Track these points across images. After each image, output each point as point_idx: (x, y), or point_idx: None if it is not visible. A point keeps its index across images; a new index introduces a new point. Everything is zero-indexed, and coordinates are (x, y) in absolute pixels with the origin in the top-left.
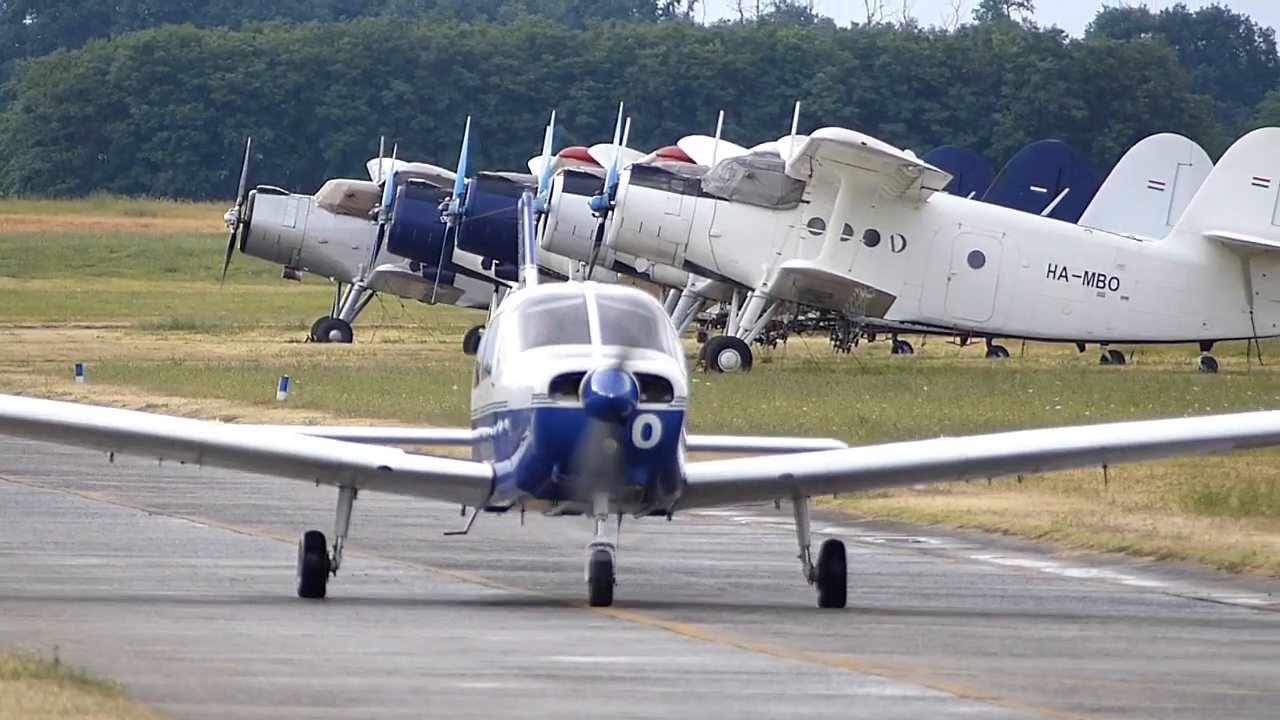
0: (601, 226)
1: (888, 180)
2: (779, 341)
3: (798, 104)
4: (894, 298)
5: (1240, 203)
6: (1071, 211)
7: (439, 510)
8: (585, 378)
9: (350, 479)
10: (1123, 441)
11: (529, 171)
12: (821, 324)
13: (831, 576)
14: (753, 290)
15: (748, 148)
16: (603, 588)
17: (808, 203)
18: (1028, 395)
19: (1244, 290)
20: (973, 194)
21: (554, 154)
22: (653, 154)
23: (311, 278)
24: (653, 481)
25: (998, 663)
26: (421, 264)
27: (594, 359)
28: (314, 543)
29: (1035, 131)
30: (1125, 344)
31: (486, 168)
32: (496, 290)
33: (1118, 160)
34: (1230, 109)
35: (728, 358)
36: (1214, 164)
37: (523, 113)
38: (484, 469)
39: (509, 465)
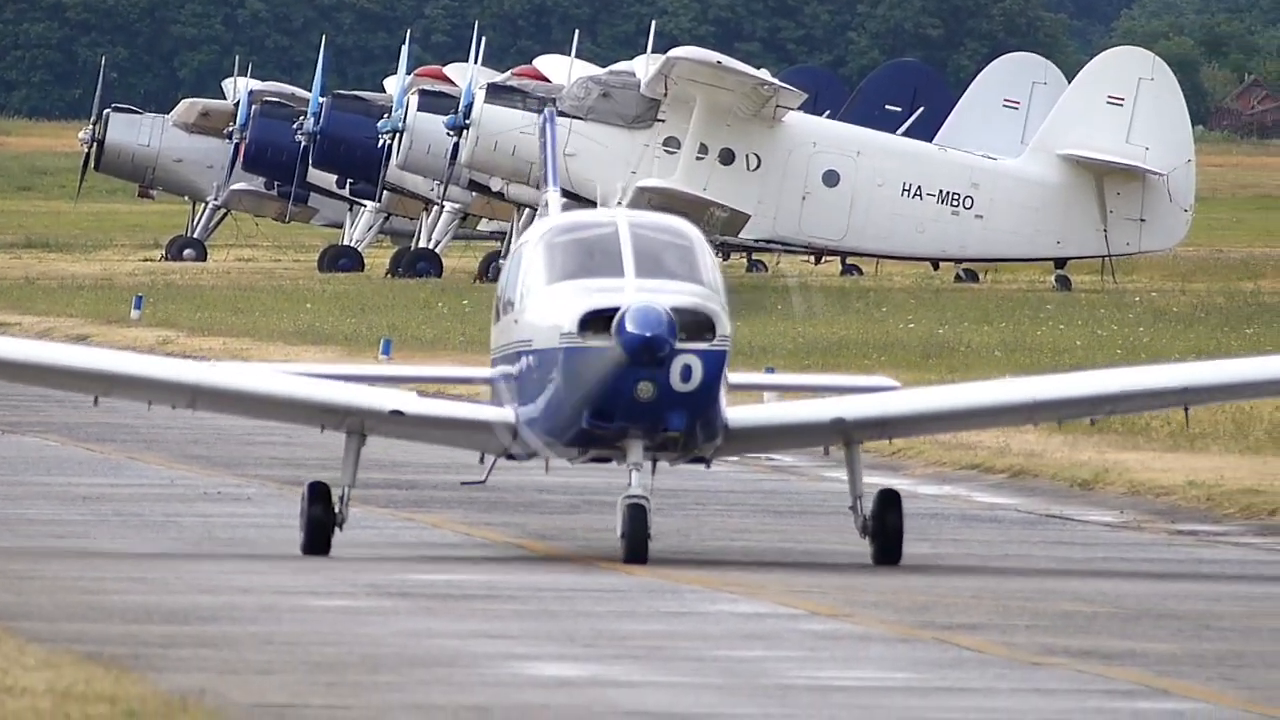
0: (456, 145)
1: (743, 99)
2: None
3: (653, 23)
4: (749, 216)
5: (1095, 121)
6: (926, 130)
7: (292, 430)
8: (619, 314)
9: (359, 424)
10: (1207, 381)
11: (384, 90)
12: None
13: (887, 530)
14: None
15: (603, 67)
16: (638, 544)
17: (663, 121)
18: (882, 314)
19: (1098, 209)
20: (828, 113)
21: (409, 73)
22: (508, 73)
23: (166, 196)
24: (692, 427)
25: (849, 579)
26: (276, 183)
27: (627, 293)
28: (318, 494)
29: (890, 50)
30: (979, 262)
31: (341, 87)
32: (351, 209)
33: (973, 79)
34: (1085, 27)
35: None
36: (1069, 83)
37: (378, 31)
38: (506, 413)
39: (533, 410)
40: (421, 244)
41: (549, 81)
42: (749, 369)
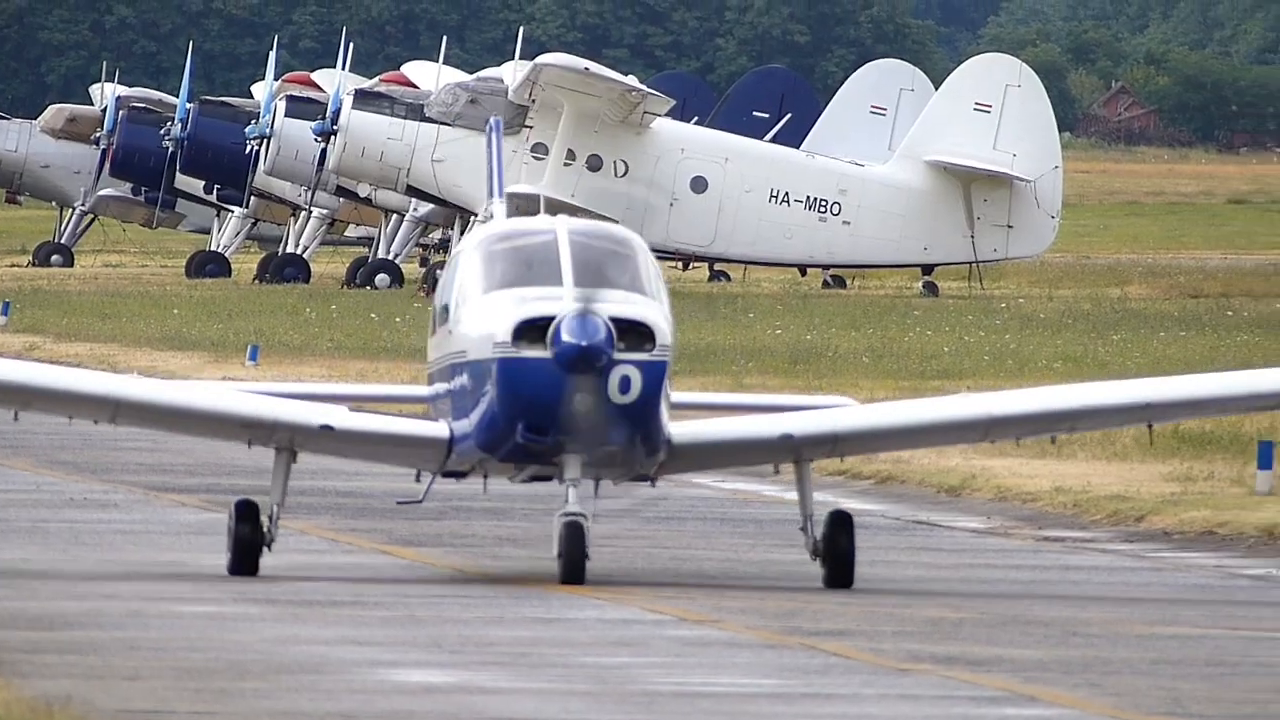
0: (324, 151)
1: (611, 105)
2: None
3: (521, 29)
4: (617, 223)
5: (962, 128)
6: (794, 136)
7: (159, 436)
8: (554, 324)
9: (288, 440)
10: (1169, 398)
11: (252, 96)
12: None
13: (838, 553)
14: (475, 215)
15: (471, 73)
16: (575, 564)
17: (531, 128)
18: (749, 319)
19: (965, 215)
20: (696, 119)
21: (276, 79)
22: (376, 79)
23: (33, 202)
24: (632, 442)
25: (717, 586)
26: (143, 189)
27: (565, 302)
28: (245, 513)
29: (758, 57)
30: (847, 268)
31: (209, 93)
32: (218, 215)
33: (840, 86)
34: (953, 34)
35: None
36: (936, 90)
37: (245, 38)
38: (440, 428)
39: (468, 424)
40: (289, 250)
41: (417, 88)
42: None
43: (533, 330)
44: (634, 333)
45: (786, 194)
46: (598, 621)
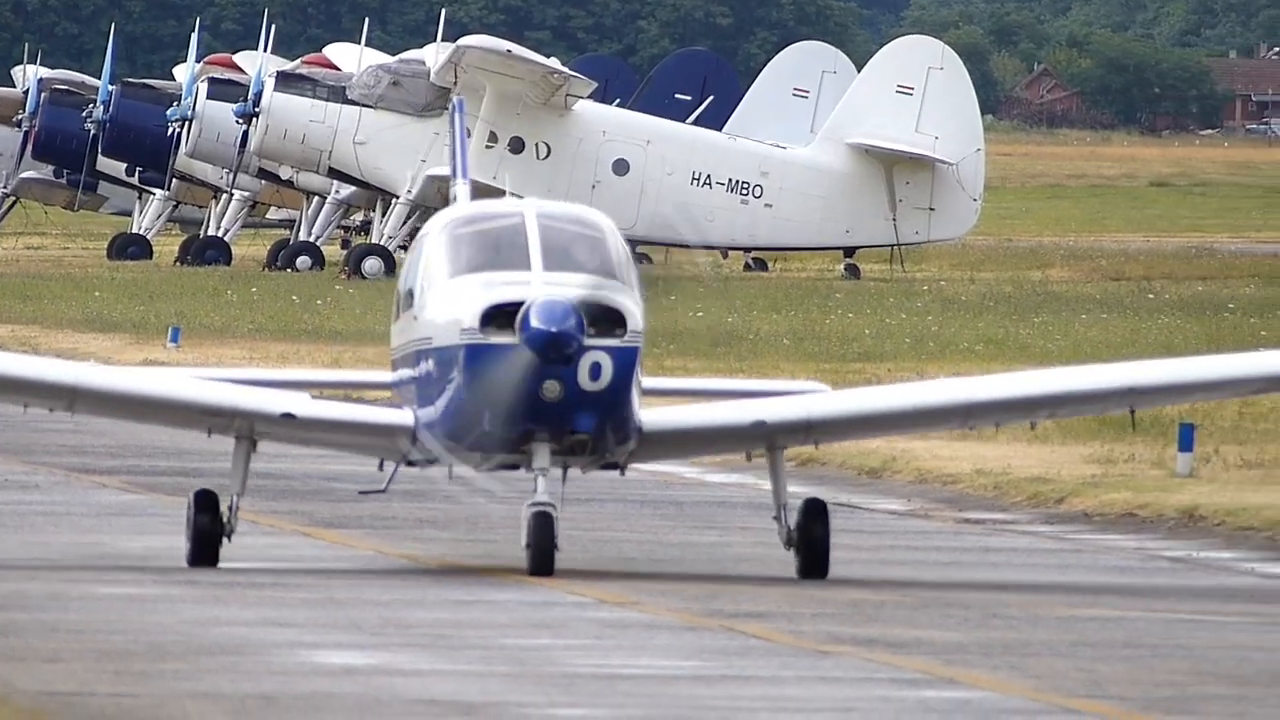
0: (246, 134)
1: (533, 88)
2: None
3: (443, 11)
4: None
5: (884, 110)
6: (716, 119)
7: (83, 420)
8: (523, 309)
9: (248, 428)
10: (1154, 382)
11: (174, 78)
12: None
13: (812, 542)
14: (397, 197)
15: (393, 55)
16: (544, 554)
17: None
18: (670, 302)
19: (887, 198)
20: (618, 101)
21: (198, 61)
22: (298, 61)
23: None
24: (602, 430)
25: (637, 568)
26: (65, 171)
27: (533, 287)
28: (205, 503)
29: (681, 39)
30: (769, 251)
31: (131, 75)
32: (140, 197)
33: (763, 68)
34: (875, 17)
35: (371, 265)
36: (858, 72)
37: (168, 19)
38: (404, 416)
39: (433, 412)
40: (211, 232)
41: (339, 70)
42: None
43: (501, 316)
44: (605, 318)
45: (708, 176)
46: (518, 603)
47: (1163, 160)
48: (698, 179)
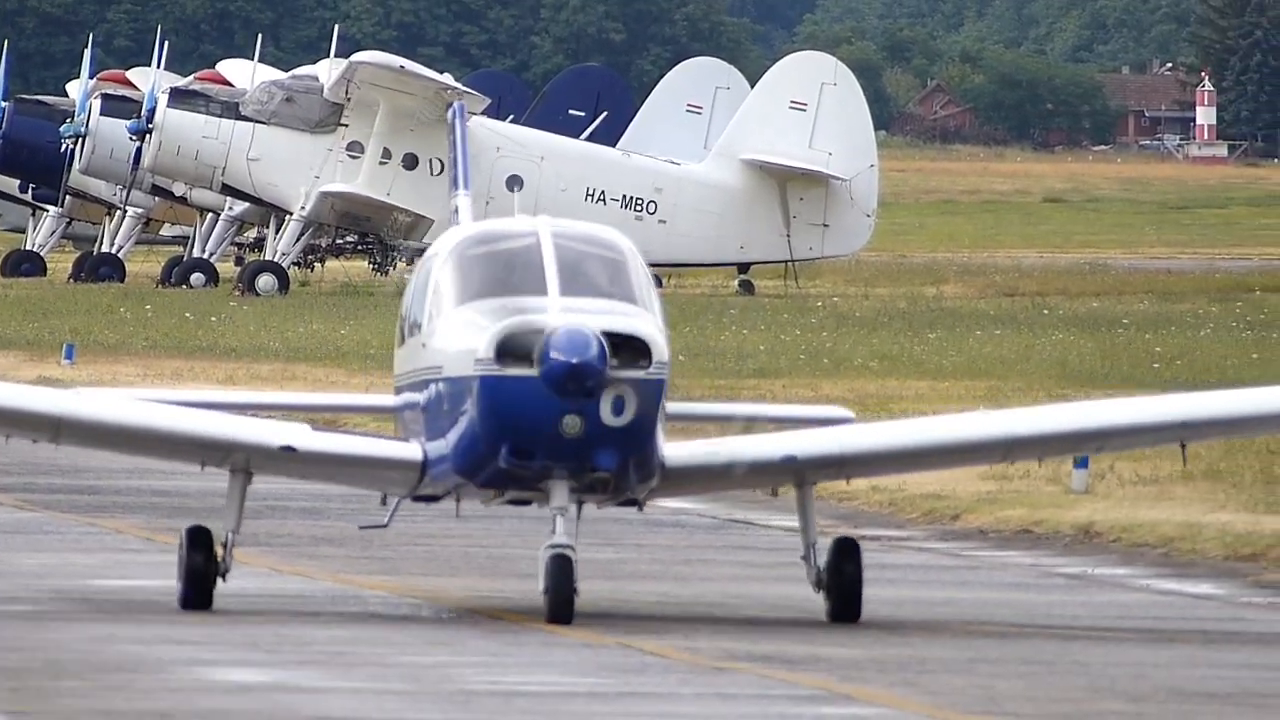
0: (139, 150)
1: (426, 104)
2: (317, 265)
3: (336, 27)
4: (433, 221)
5: (778, 126)
6: (610, 135)
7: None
8: (542, 339)
9: (244, 461)
10: (1205, 416)
11: (66, 95)
12: (360, 247)
13: (844, 584)
14: (291, 214)
15: (286, 71)
16: (562, 601)
17: (346, 126)
18: None
19: (781, 213)
20: (511, 117)
21: (91, 77)
22: (191, 77)
23: None
24: (624, 467)
25: (533, 584)
26: None
27: (551, 314)
28: (198, 540)
29: (574, 55)
30: (663, 267)
31: (24, 91)
32: (33, 214)
33: (656, 84)
34: (769, 32)
35: (265, 281)
36: (752, 88)
37: (60, 36)
38: (413, 450)
39: (444, 445)
40: (104, 249)
41: (232, 86)
42: None
43: (517, 346)
44: (628, 348)
45: (602, 192)
46: (413, 620)
47: (1056, 176)
48: (592, 195)
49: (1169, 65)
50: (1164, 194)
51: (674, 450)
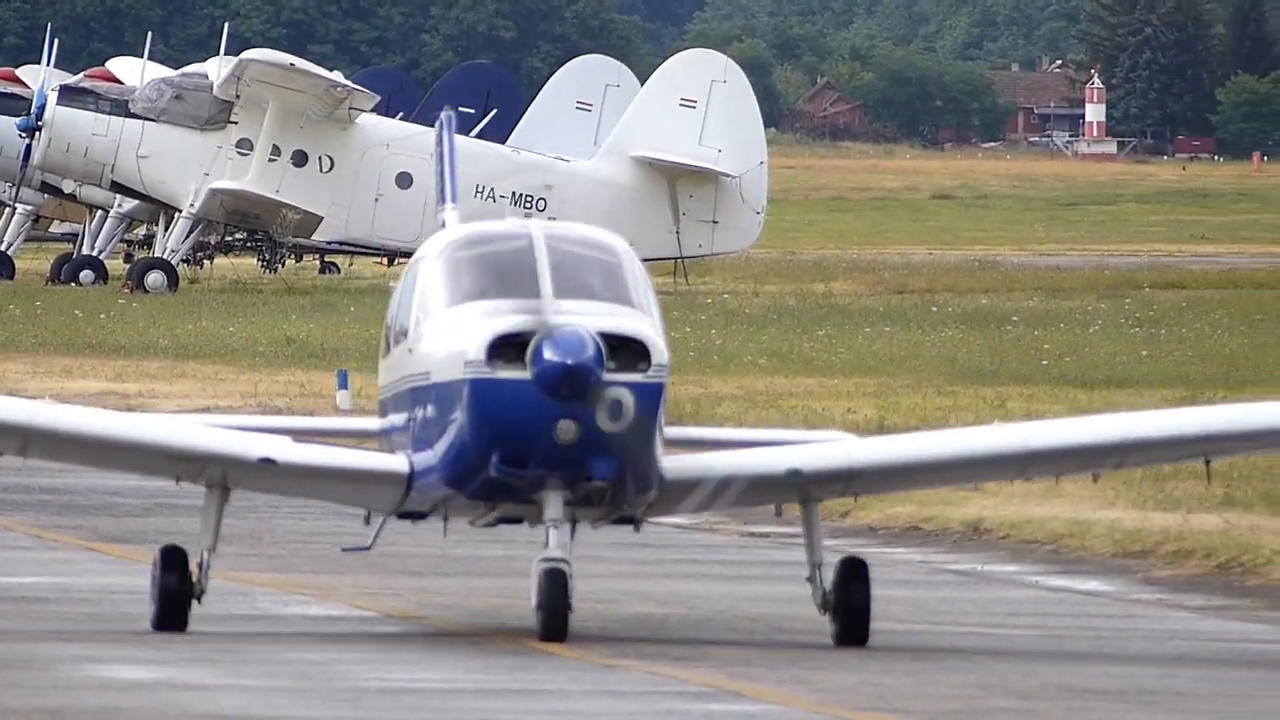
0: (29, 147)
1: (316, 101)
2: (206, 262)
3: (226, 25)
4: (321, 218)
5: (668, 123)
6: (500, 132)
7: None
8: (535, 340)
9: (220, 475)
10: (1232, 429)
11: None
12: (249, 244)
13: (851, 605)
14: (180, 211)
15: (176, 69)
16: (557, 616)
17: (236, 123)
18: None
19: (670, 211)
20: (401, 114)
21: None
22: (80, 75)
23: None
24: (622, 477)
25: (423, 581)
26: None
27: (545, 315)
28: (171, 561)
29: (464, 52)
30: None
31: None
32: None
33: (546, 81)
34: (659, 30)
35: (154, 279)
36: (642, 85)
37: None
38: (398, 462)
39: (431, 456)
40: None
41: (122, 84)
42: (323, 368)
43: (509, 348)
44: (626, 350)
45: (492, 189)
46: (303, 618)
47: (945, 173)
48: (481, 192)
49: (1059, 62)
50: (1053, 191)
51: (671, 463)
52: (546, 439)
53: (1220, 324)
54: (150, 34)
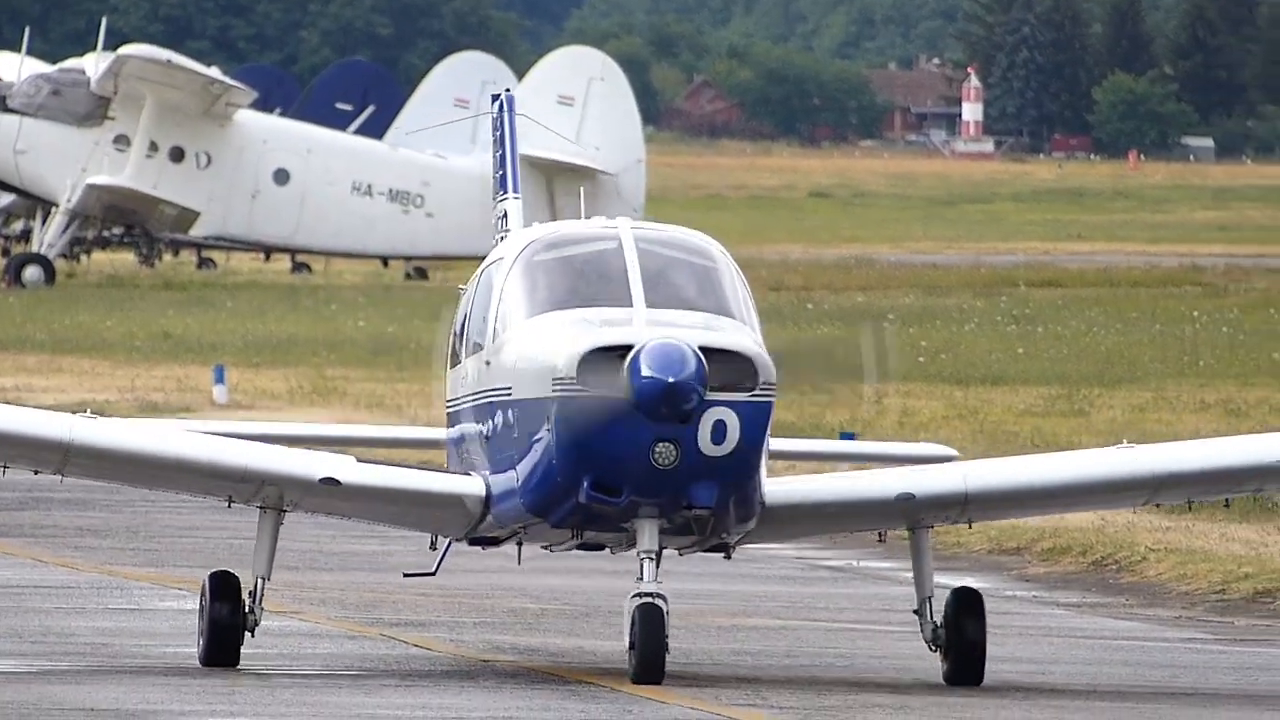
0: None
1: (193, 97)
2: (84, 257)
3: (104, 20)
4: (199, 214)
5: (545, 121)
6: (377, 128)
7: None
8: (633, 354)
9: (278, 497)
10: None
11: None
12: (126, 239)
13: (964, 642)
14: (57, 206)
15: (53, 64)
16: (653, 657)
17: (114, 119)
18: (331, 311)
19: (548, 208)
20: (279, 110)
21: None
22: None
23: None
24: (724, 504)
25: (298, 576)
26: None
27: (637, 326)
28: (222, 589)
29: (342, 49)
30: (429, 260)
31: None
32: None
33: (424, 77)
34: (537, 27)
35: (31, 273)
36: (519, 82)
37: None
38: (474, 484)
39: (512, 478)
40: None
41: None
42: (200, 364)
43: (604, 362)
44: (730, 366)
45: (369, 186)
46: (178, 612)
47: (823, 171)
48: (359, 188)
49: (936, 61)
50: (930, 189)
51: (773, 486)
52: (643, 463)
53: (1096, 322)
54: (28, 29)
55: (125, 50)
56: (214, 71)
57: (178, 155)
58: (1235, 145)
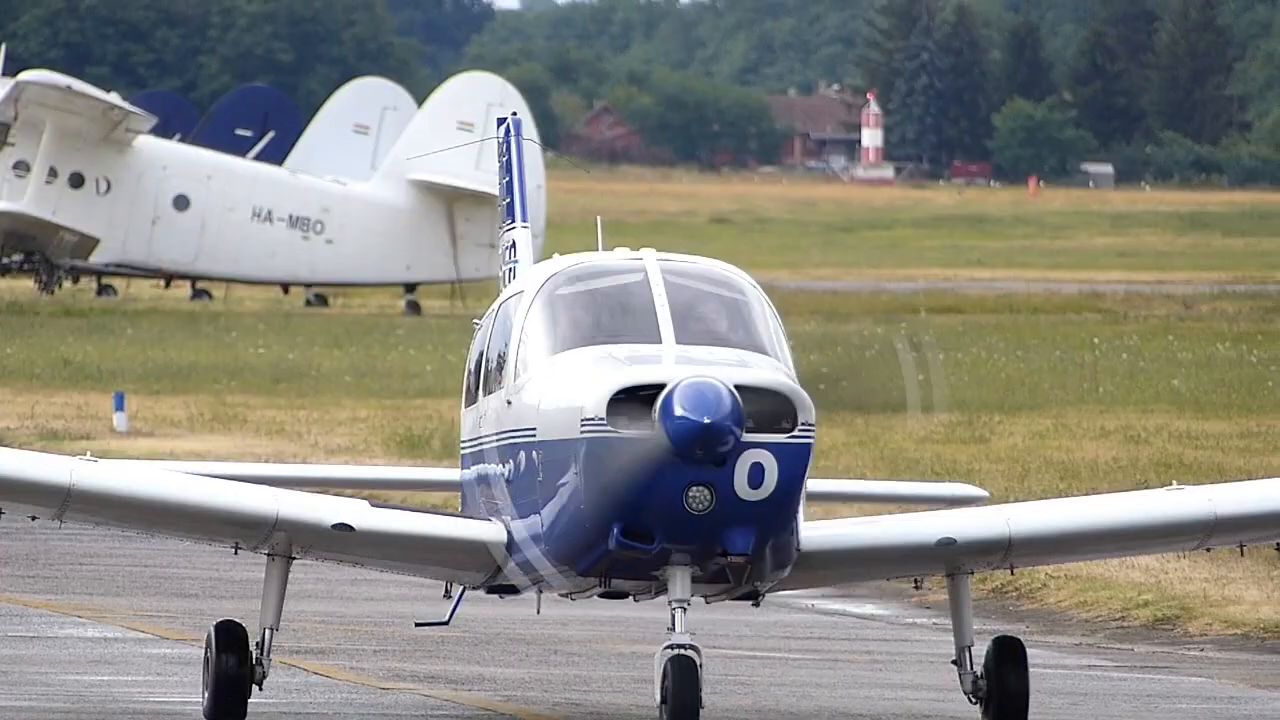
0: None
1: (93, 123)
2: None
3: (3, 46)
4: (99, 240)
5: (446, 147)
6: (277, 154)
7: None
8: (665, 393)
9: (286, 544)
10: None
11: None
12: (25, 266)
13: (1007, 695)
14: None
15: None
16: (685, 713)
17: (13, 145)
18: (231, 338)
19: (448, 234)
20: (179, 136)
21: None
22: None
23: None
24: (761, 551)
25: (198, 604)
26: None
27: (667, 365)
28: (228, 640)
29: (242, 75)
30: (329, 286)
31: None
32: None
33: (324, 103)
34: (436, 53)
35: None
36: (419, 108)
37: None
38: (495, 530)
39: (536, 524)
40: None
41: None
42: (100, 391)
43: (634, 401)
44: (768, 409)
45: (269, 212)
46: (78, 639)
47: (723, 197)
48: (259, 214)
49: (836, 87)
50: (830, 215)
51: (809, 531)
52: (676, 508)
53: (996, 348)
54: None
55: (24, 76)
56: (114, 97)
57: (77, 181)
58: (1134, 172)
